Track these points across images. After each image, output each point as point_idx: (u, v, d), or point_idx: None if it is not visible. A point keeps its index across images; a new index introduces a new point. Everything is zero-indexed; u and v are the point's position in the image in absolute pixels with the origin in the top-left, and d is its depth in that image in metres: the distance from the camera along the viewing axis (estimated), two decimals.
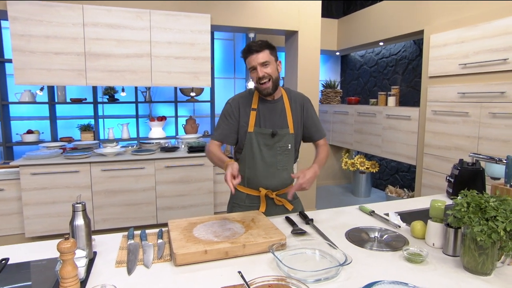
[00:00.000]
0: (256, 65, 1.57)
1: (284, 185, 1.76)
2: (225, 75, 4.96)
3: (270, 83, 1.60)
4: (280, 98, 1.72)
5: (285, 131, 1.69)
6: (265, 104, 1.70)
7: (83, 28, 3.07)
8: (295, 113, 1.72)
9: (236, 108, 1.70)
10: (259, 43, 1.60)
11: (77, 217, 1.19)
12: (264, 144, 1.68)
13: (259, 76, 1.57)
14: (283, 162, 1.71)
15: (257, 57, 1.57)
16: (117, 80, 3.25)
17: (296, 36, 3.87)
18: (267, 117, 1.69)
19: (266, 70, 1.58)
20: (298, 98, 1.76)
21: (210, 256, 1.20)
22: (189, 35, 3.40)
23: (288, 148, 1.71)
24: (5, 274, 1.04)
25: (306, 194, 4.10)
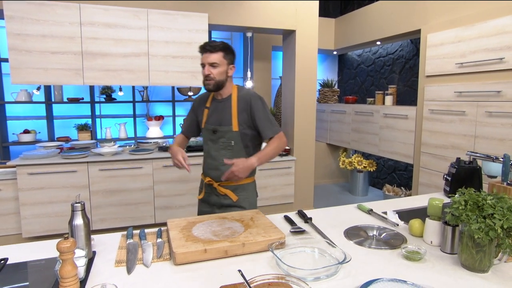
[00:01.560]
0: (206, 63, 1.72)
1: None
2: None
3: (212, 83, 1.73)
4: (228, 97, 1.82)
5: (227, 128, 1.79)
6: (215, 103, 1.86)
7: (80, 27, 3.05)
8: (242, 112, 1.79)
9: (196, 105, 1.94)
10: (216, 44, 1.73)
11: (76, 216, 1.18)
12: (210, 139, 1.85)
13: (204, 74, 1.72)
14: (226, 156, 1.77)
15: (209, 57, 1.71)
16: (114, 79, 3.24)
17: (293, 35, 3.88)
18: (214, 114, 1.84)
19: (213, 71, 1.71)
20: (246, 97, 1.80)
21: (209, 255, 1.20)
22: (187, 35, 3.40)
23: (231, 145, 1.80)
24: (4, 274, 1.04)
25: (303, 193, 4.11)
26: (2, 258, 1.05)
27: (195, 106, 1.93)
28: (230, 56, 1.77)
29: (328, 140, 5.25)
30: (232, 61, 1.80)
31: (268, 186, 3.90)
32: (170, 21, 3.32)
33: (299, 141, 4.01)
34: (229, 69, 1.77)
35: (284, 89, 4.23)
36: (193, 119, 1.94)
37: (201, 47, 1.73)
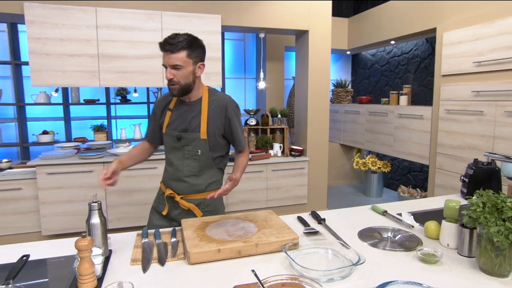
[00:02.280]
0: (167, 65, 1.46)
1: (191, 190, 1.64)
2: (236, 75, 4.98)
3: (177, 88, 1.49)
4: (197, 101, 1.59)
5: (194, 135, 1.57)
6: (181, 105, 1.61)
7: (96, 30, 3.12)
8: (213, 118, 1.58)
9: (158, 108, 1.68)
10: (178, 41, 1.43)
11: (93, 215, 1.21)
12: (173, 147, 1.62)
13: (167, 78, 1.48)
14: (191, 167, 1.60)
15: (169, 58, 1.44)
16: (129, 81, 3.29)
17: (306, 36, 3.86)
18: (179, 119, 1.60)
19: (176, 74, 1.46)
20: (220, 103, 1.59)
21: (223, 255, 1.21)
22: (200, 36, 3.37)
23: (198, 154, 1.58)
24: (26, 270, 1.07)
25: (316, 194, 4.08)
26: (24, 255, 1.08)
27: (156, 108, 1.67)
28: (196, 53, 1.50)
29: (342, 140, 5.21)
30: (200, 58, 1.53)
31: (281, 187, 3.90)
32: (183, 23, 3.36)
33: (312, 142, 3.99)
34: (196, 68, 1.52)
35: (297, 90, 4.21)
36: (155, 124, 1.68)
37: (160, 45, 1.45)
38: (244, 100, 5.14)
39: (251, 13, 3.59)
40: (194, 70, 1.51)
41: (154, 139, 1.73)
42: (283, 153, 4.07)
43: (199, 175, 1.63)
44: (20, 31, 3.79)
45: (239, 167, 1.67)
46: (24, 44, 3.78)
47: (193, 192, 1.64)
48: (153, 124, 1.70)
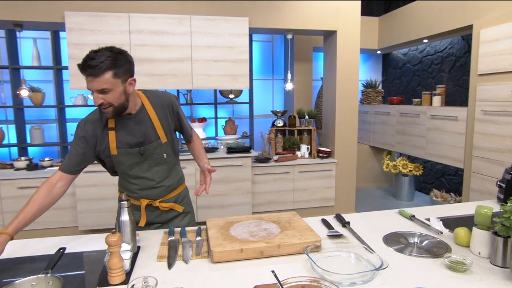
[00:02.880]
0: (93, 89, 1.29)
1: (168, 191, 1.63)
2: (264, 76, 5.01)
3: (110, 110, 1.35)
4: (140, 109, 1.48)
5: (156, 143, 1.51)
6: (124, 121, 1.45)
7: (129, 35, 3.26)
8: (164, 119, 1.53)
9: (90, 131, 1.43)
10: (100, 62, 1.24)
11: (123, 213, 1.27)
12: (134, 163, 1.51)
13: (96, 104, 1.32)
14: (161, 172, 1.57)
15: (93, 83, 1.27)
16: (160, 83, 3.41)
17: (334, 36, 3.81)
18: (129, 134, 1.47)
19: (106, 97, 1.30)
20: (164, 102, 1.54)
21: (245, 255, 1.23)
22: (228, 39, 3.48)
23: (164, 158, 1.56)
24: (62, 262, 1.15)
25: (344, 196, 4.02)
26: (61, 248, 1.16)
27: (88, 133, 1.43)
28: (123, 70, 1.32)
29: (372, 142, 5.09)
30: (129, 73, 1.36)
31: (307, 188, 3.87)
32: (212, 26, 3.43)
33: (340, 143, 3.93)
34: (127, 86, 1.36)
35: (325, 91, 4.17)
36: (87, 150, 1.45)
37: (80, 68, 1.26)
38: (272, 101, 5.15)
39: (279, 14, 3.61)
40: (125, 89, 1.35)
41: (78, 169, 1.46)
42: (310, 155, 4.04)
43: (169, 176, 1.62)
44: (61, 37, 4.03)
45: (201, 154, 1.73)
46: (65, 50, 4.02)
47: (168, 192, 1.64)
48: (84, 151, 1.44)
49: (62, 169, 1.42)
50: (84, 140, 1.44)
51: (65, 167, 1.42)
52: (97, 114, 1.46)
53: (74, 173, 1.45)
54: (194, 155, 1.76)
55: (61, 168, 1.43)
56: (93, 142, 1.45)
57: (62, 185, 1.40)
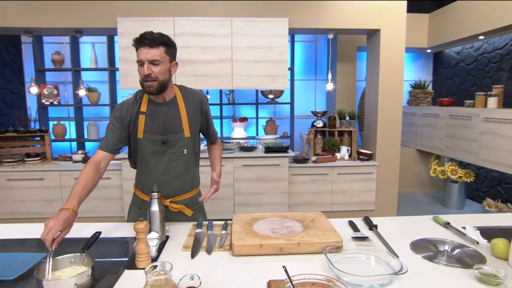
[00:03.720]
0: (145, 60, 1.41)
1: (180, 191, 1.64)
2: (306, 77, 4.98)
3: (155, 84, 1.43)
4: (172, 100, 1.56)
5: (179, 136, 1.56)
6: (155, 107, 1.53)
7: (174, 38, 3.43)
8: (191, 115, 1.59)
9: (125, 112, 1.52)
10: (156, 37, 1.40)
11: (153, 204, 1.36)
12: (155, 151, 1.55)
13: (145, 74, 1.41)
14: (178, 168, 1.59)
15: (148, 52, 1.39)
16: (202, 84, 3.55)
17: (378, 35, 3.68)
18: (157, 121, 1.53)
19: (155, 70, 1.41)
20: (195, 98, 1.61)
21: (265, 250, 1.26)
22: (268, 40, 3.53)
23: (184, 154, 1.58)
24: (97, 245, 1.27)
25: (385, 201, 3.86)
26: (97, 232, 1.28)
27: (123, 114, 1.52)
28: (172, 51, 1.49)
29: (419, 145, 4.82)
30: (174, 56, 1.52)
31: (346, 191, 3.78)
32: (252, 27, 3.50)
33: (382, 146, 3.79)
34: (171, 66, 1.50)
35: (368, 91, 4.04)
36: (122, 129, 1.52)
37: (137, 41, 1.40)
38: (314, 102, 5.11)
39: (319, 14, 3.57)
40: (170, 68, 1.49)
41: (116, 148, 1.54)
42: (351, 157, 3.94)
43: (185, 174, 1.63)
44: (115, 42, 4.36)
45: (216, 160, 1.76)
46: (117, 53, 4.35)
47: (181, 192, 1.64)
48: (120, 130, 1.52)
49: (102, 148, 1.50)
50: (120, 120, 1.52)
51: (105, 146, 1.50)
52: (133, 98, 1.56)
53: (113, 152, 1.53)
54: (210, 159, 1.81)
55: (101, 147, 1.50)
56: (127, 123, 1.53)
57: (104, 164, 1.49)
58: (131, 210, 1.72)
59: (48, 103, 4.34)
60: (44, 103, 4.33)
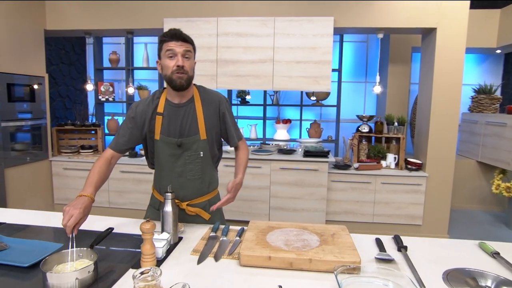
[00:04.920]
0: (178, 52, 1.41)
1: (196, 194, 1.60)
2: (356, 79, 4.74)
3: (185, 77, 1.44)
4: (190, 100, 1.53)
5: (194, 138, 1.52)
6: (172, 108, 1.52)
7: (217, 38, 3.47)
8: (208, 117, 1.54)
9: (141, 112, 1.52)
10: (188, 36, 1.46)
11: (166, 204, 1.35)
12: (171, 154, 1.52)
13: (179, 65, 1.41)
14: (194, 171, 1.56)
15: (182, 46, 1.42)
16: (242, 84, 3.54)
17: (433, 34, 3.36)
18: (173, 123, 1.51)
19: (186, 63, 1.44)
20: (213, 100, 1.56)
21: (273, 263, 1.18)
22: (311, 39, 3.40)
23: (200, 156, 1.54)
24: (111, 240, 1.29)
25: (435, 216, 3.51)
26: (109, 228, 1.30)
27: (137, 114, 1.52)
28: (195, 50, 1.53)
29: (480, 157, 4.32)
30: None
31: (390, 202, 3.51)
32: (295, 27, 3.40)
33: (433, 155, 3.45)
34: (194, 64, 1.53)
35: (420, 95, 3.72)
36: (135, 130, 1.53)
37: (171, 34, 1.42)
38: (364, 105, 4.85)
39: (368, 12, 3.35)
40: (194, 65, 1.52)
41: (126, 148, 1.55)
42: (397, 166, 3.65)
43: (202, 177, 1.60)
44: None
45: (241, 166, 1.64)
46: None
47: (198, 196, 1.61)
48: (131, 131, 1.53)
49: (111, 147, 1.54)
50: (133, 121, 1.52)
51: (114, 146, 1.53)
52: (149, 98, 1.55)
53: (122, 152, 1.55)
54: (236, 163, 1.69)
55: (110, 146, 1.54)
56: (141, 123, 1.52)
57: (114, 161, 1.54)
58: (148, 210, 1.72)
59: (104, 100, 4.65)
60: (100, 99, 4.65)
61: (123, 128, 1.54)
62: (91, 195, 1.31)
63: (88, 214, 1.25)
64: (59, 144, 4.13)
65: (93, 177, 1.39)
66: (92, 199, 1.30)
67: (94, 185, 1.36)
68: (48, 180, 3.88)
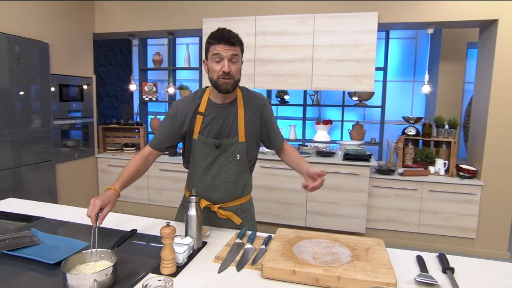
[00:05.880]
0: (225, 56, 1.36)
1: (229, 198, 1.56)
2: (403, 78, 4.45)
3: (231, 82, 1.40)
4: (232, 102, 1.50)
5: (232, 140, 1.49)
6: (213, 109, 1.49)
7: (255, 37, 3.42)
8: (249, 119, 1.51)
9: (182, 111, 1.50)
10: (236, 36, 1.40)
11: (191, 208, 1.31)
12: (207, 155, 1.50)
13: (225, 71, 1.36)
14: (229, 174, 1.52)
15: (229, 50, 1.37)
16: (280, 84, 3.45)
17: (494, 27, 3.02)
18: (213, 123, 1.48)
19: (233, 68, 1.39)
20: (256, 102, 1.53)
21: (297, 278, 1.09)
22: (353, 36, 3.22)
23: (237, 159, 1.51)
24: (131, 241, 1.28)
25: (492, 230, 3.17)
26: (133, 229, 1.29)
27: (177, 113, 1.51)
28: (243, 52, 1.47)
29: None
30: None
31: (439, 212, 3.23)
32: (336, 24, 3.24)
33: (491, 162, 3.11)
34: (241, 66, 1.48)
35: (476, 96, 3.38)
36: (175, 129, 1.52)
37: (219, 37, 1.37)
38: (411, 106, 4.54)
39: (416, 6, 3.09)
40: (241, 68, 1.47)
41: (164, 147, 1.56)
42: (447, 172, 3.35)
43: (236, 180, 1.55)
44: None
45: (301, 160, 1.58)
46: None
47: (231, 199, 1.57)
48: (169, 129, 1.52)
49: (150, 145, 1.55)
50: (173, 119, 1.51)
51: (153, 143, 1.55)
52: (191, 97, 1.54)
53: (161, 150, 1.56)
54: (292, 163, 1.61)
55: (150, 143, 1.56)
56: (181, 121, 1.51)
57: (152, 158, 1.55)
58: (179, 211, 1.71)
59: (147, 99, 4.82)
60: (144, 99, 4.82)
61: (162, 126, 1.55)
62: (117, 189, 1.34)
63: (110, 204, 1.26)
64: (104, 142, 4.34)
65: (123, 173, 1.43)
66: (117, 193, 1.33)
67: (121, 180, 1.40)
68: (94, 176, 4.10)
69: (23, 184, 3.15)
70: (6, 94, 2.94)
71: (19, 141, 3.08)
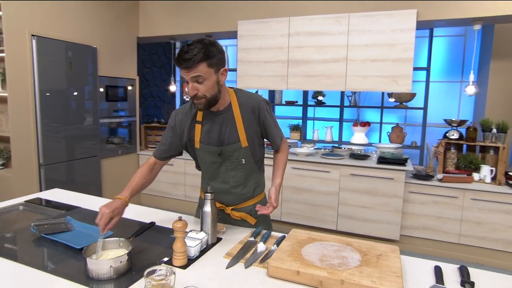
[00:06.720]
0: (188, 80, 1.32)
1: (241, 200, 1.58)
2: (449, 78, 4.18)
3: (203, 102, 1.35)
4: (227, 108, 1.47)
5: (235, 146, 1.48)
6: (210, 116, 1.48)
7: (288, 38, 3.42)
8: (248, 123, 1.49)
9: (180, 121, 1.51)
10: (193, 55, 1.25)
11: (206, 204, 1.37)
12: (211, 162, 1.51)
13: (190, 94, 1.34)
14: (237, 177, 1.53)
15: (189, 72, 1.30)
16: (313, 84, 3.42)
17: None
18: (213, 131, 1.48)
19: (200, 88, 1.32)
20: (251, 105, 1.49)
21: (301, 279, 1.09)
22: (389, 36, 3.10)
23: (242, 163, 1.51)
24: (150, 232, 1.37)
25: None
26: (152, 221, 1.38)
27: (176, 123, 1.52)
28: (216, 60, 1.31)
29: None
30: (222, 63, 1.36)
31: (483, 222, 3.00)
32: (371, 23, 3.14)
33: None
34: (220, 76, 1.36)
35: None
36: (175, 139, 1.53)
37: (176, 62, 1.31)
38: (458, 108, 4.25)
39: (460, 1, 2.90)
40: (218, 79, 1.36)
41: (168, 156, 1.58)
42: (494, 180, 3.10)
43: (245, 183, 1.56)
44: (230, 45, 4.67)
45: (280, 169, 1.59)
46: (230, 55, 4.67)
47: (243, 201, 1.59)
48: (171, 140, 1.54)
49: (154, 155, 1.58)
50: (173, 130, 1.53)
51: (156, 154, 1.58)
52: (187, 106, 1.53)
53: (164, 159, 1.58)
54: (273, 166, 1.62)
55: (154, 154, 1.59)
56: (180, 132, 1.52)
57: (158, 167, 1.59)
58: (197, 211, 1.77)
59: (187, 100, 5.02)
60: (184, 99, 5.02)
61: (164, 137, 1.57)
62: (125, 198, 1.37)
63: (119, 215, 1.32)
64: (146, 140, 4.60)
65: (132, 182, 1.48)
66: (125, 202, 1.36)
67: (131, 189, 1.44)
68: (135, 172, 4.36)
69: (74, 176, 3.47)
70: (63, 95, 3.30)
71: (72, 137, 3.41)
